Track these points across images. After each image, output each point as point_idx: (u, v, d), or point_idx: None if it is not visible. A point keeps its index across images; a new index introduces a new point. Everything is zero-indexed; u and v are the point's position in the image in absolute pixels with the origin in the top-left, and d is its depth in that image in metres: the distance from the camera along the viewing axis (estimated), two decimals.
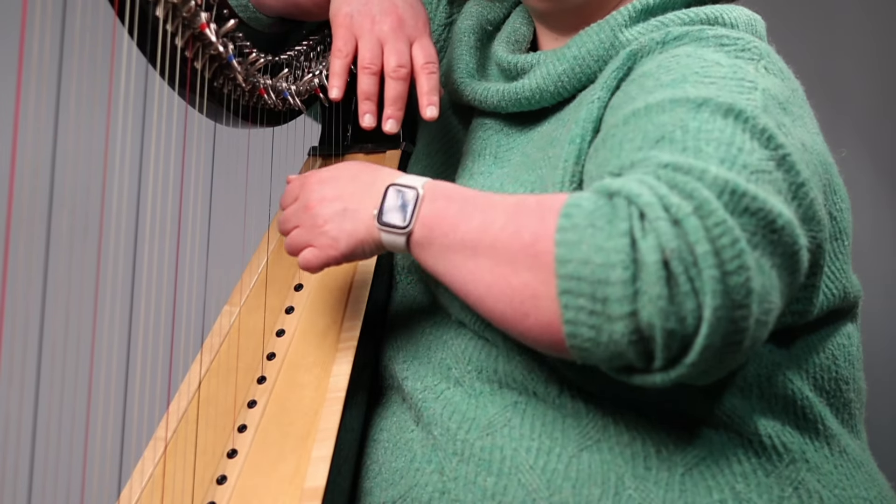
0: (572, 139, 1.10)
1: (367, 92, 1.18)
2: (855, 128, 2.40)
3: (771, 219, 0.88)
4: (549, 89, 1.19)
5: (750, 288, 0.85)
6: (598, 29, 1.17)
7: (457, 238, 0.96)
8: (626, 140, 0.98)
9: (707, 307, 0.84)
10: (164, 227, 1.09)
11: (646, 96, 1.01)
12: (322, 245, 1.07)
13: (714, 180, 0.88)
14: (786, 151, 0.95)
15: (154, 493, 1.10)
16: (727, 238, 0.85)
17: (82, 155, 1.11)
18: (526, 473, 1.05)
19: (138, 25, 1.09)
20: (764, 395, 1.07)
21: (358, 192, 1.06)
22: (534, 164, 1.17)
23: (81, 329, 1.05)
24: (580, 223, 0.87)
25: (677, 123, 0.95)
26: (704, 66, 1.03)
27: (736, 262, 0.85)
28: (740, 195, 0.87)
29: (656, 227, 0.85)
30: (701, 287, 0.84)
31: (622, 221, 0.86)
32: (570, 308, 0.87)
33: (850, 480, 1.09)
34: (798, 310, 1.07)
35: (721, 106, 0.96)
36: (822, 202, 1.01)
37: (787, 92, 1.05)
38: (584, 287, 0.86)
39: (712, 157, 0.91)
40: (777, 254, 0.89)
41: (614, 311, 0.85)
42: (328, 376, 1.15)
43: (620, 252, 0.85)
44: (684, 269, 0.84)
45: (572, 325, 0.87)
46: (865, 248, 2.30)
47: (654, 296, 0.84)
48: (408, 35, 1.21)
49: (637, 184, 0.88)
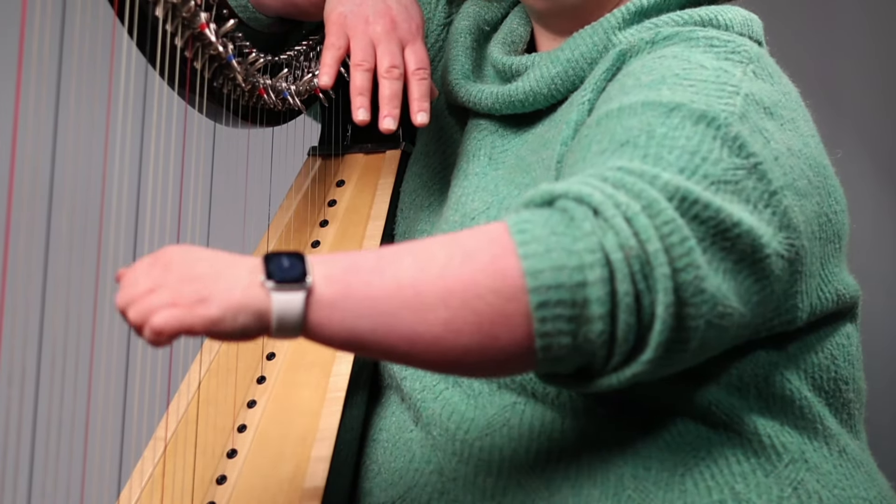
0: (564, 141, 1.10)
1: (361, 87, 1.18)
2: (854, 128, 2.40)
3: (724, 227, 0.89)
4: (542, 92, 1.19)
5: (700, 287, 0.87)
6: (592, 31, 1.17)
7: (387, 283, 0.86)
8: (594, 141, 0.98)
9: (660, 303, 0.86)
10: (163, 227, 1.09)
11: (622, 97, 1.01)
12: (188, 304, 0.85)
13: (664, 185, 0.88)
14: (758, 160, 0.96)
15: (154, 493, 1.10)
16: (676, 236, 0.86)
17: (82, 155, 1.11)
18: (525, 474, 1.05)
19: (138, 25, 1.09)
20: (762, 395, 1.07)
21: (229, 260, 0.89)
22: (528, 167, 1.17)
23: (81, 329, 1.05)
24: (540, 234, 0.86)
25: (644, 128, 0.95)
26: (686, 69, 1.03)
27: (685, 259, 0.86)
28: (691, 202, 0.88)
29: (613, 224, 0.86)
30: (654, 284, 0.85)
31: (582, 222, 0.86)
32: (547, 320, 0.86)
33: (849, 480, 1.09)
34: (785, 318, 1.06)
35: (693, 112, 0.96)
36: (805, 206, 1.01)
37: (777, 96, 1.05)
38: (562, 294, 0.85)
39: (672, 165, 0.91)
40: (731, 259, 0.90)
41: (595, 312, 0.85)
42: (328, 376, 1.15)
43: (594, 251, 0.85)
44: (640, 267, 0.85)
45: (547, 338, 0.86)
46: (865, 249, 2.29)
47: (622, 292, 0.85)
48: (400, 38, 1.21)
49: (581, 185, 0.88)
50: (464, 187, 1.22)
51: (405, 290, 0.86)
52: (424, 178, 1.34)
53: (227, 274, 0.87)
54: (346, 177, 1.39)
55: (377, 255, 0.90)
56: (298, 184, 1.39)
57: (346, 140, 1.42)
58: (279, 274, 0.86)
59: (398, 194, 1.36)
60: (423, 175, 1.35)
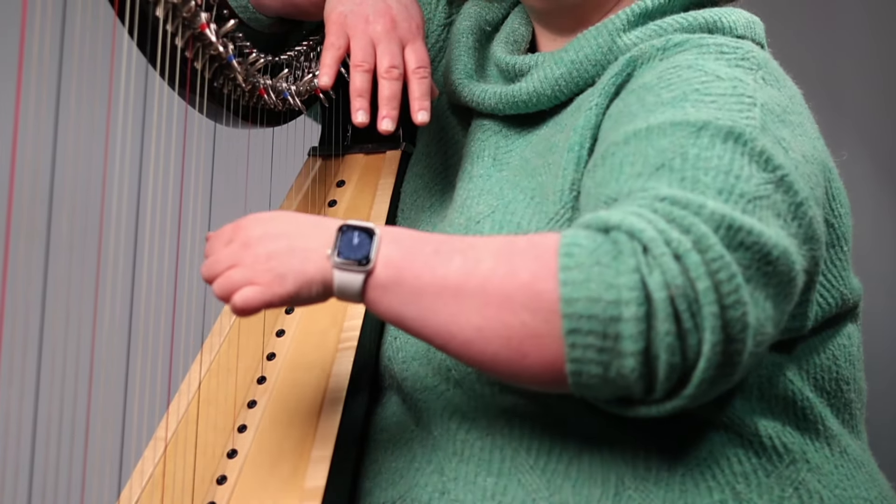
0: (571, 147, 1.10)
1: (360, 89, 1.18)
2: (855, 129, 2.40)
3: (766, 251, 0.89)
4: (546, 93, 1.19)
5: (746, 322, 0.87)
6: (596, 33, 1.17)
7: (434, 280, 0.91)
8: (627, 163, 0.98)
9: (706, 342, 0.86)
10: (164, 227, 1.09)
11: (647, 115, 1.01)
12: (266, 282, 0.94)
13: (711, 215, 0.88)
14: (784, 172, 0.96)
15: (154, 493, 1.10)
16: (725, 273, 0.86)
17: (82, 155, 1.11)
18: (526, 473, 1.05)
19: (138, 26, 1.09)
20: (764, 396, 1.07)
21: (304, 231, 0.97)
22: (534, 171, 1.17)
23: (81, 329, 1.05)
24: (584, 261, 0.87)
25: (677, 150, 0.95)
26: (705, 82, 1.03)
27: (733, 296, 0.86)
28: (736, 230, 0.88)
29: (661, 262, 0.86)
30: (701, 323, 0.86)
31: (629, 257, 0.86)
32: (578, 347, 0.86)
33: (850, 481, 1.09)
34: (794, 326, 1.07)
35: (720, 130, 0.96)
36: (821, 216, 1.02)
37: (785, 101, 1.05)
38: (594, 325, 0.86)
39: (710, 187, 0.92)
40: (772, 284, 0.91)
41: (626, 348, 0.86)
42: (328, 376, 1.15)
43: (633, 289, 0.85)
44: (687, 306, 0.85)
45: (578, 364, 0.87)
46: (866, 249, 2.29)
47: (662, 332, 0.85)
48: (400, 37, 1.21)
49: (636, 218, 0.88)
50: (468, 190, 1.22)
51: (447, 291, 0.90)
52: (426, 179, 1.34)
53: (300, 248, 0.95)
54: (346, 177, 1.39)
55: (436, 245, 0.93)
56: (299, 184, 1.39)
57: (347, 140, 1.42)
58: (346, 251, 0.94)
59: (399, 195, 1.36)
60: (424, 176, 1.35)
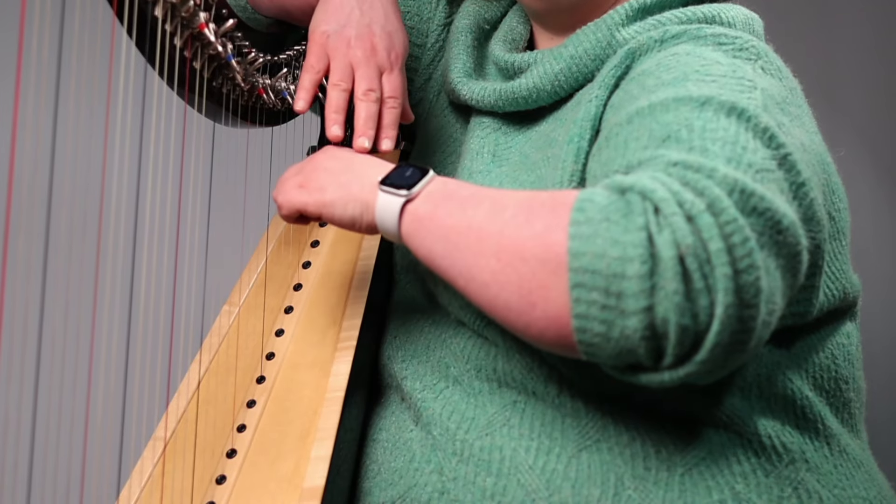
0: (571, 139, 1.10)
1: (336, 105, 1.19)
2: (854, 127, 2.40)
3: (777, 219, 0.88)
4: (545, 88, 1.19)
5: (759, 287, 0.85)
6: (595, 28, 1.17)
7: (463, 219, 0.94)
8: (632, 139, 0.97)
9: (719, 304, 0.84)
10: (163, 227, 1.09)
11: (648, 95, 1.01)
12: (310, 188, 1.07)
13: (724, 178, 0.88)
14: (787, 151, 0.95)
15: (153, 492, 1.10)
16: (739, 236, 0.85)
17: (81, 154, 1.11)
18: (525, 473, 1.05)
19: (137, 25, 1.09)
20: (764, 395, 1.07)
21: (369, 161, 1.08)
22: (533, 165, 1.17)
23: (81, 329, 1.05)
24: (595, 217, 0.87)
25: (682, 122, 0.95)
26: (704, 65, 1.03)
27: (747, 260, 0.85)
28: (749, 194, 0.88)
29: (672, 222, 0.85)
30: (714, 284, 0.84)
31: (638, 216, 0.86)
32: (582, 301, 0.86)
33: (849, 480, 1.09)
34: (798, 311, 1.07)
35: (724, 104, 0.96)
36: (822, 202, 1.02)
37: (785, 92, 1.05)
38: (598, 280, 0.85)
39: (718, 155, 0.91)
40: (782, 255, 0.89)
41: (629, 306, 0.85)
42: (327, 376, 1.15)
43: (638, 246, 0.85)
44: (699, 266, 0.84)
45: (583, 319, 0.87)
46: (865, 248, 2.30)
47: (670, 291, 0.84)
48: (379, 64, 1.21)
49: (650, 180, 0.88)
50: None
51: (472, 232, 0.93)
52: None
53: (355, 170, 1.05)
54: None
55: (473, 190, 0.98)
56: None
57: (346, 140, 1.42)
58: (395, 179, 1.00)
59: None
60: None
